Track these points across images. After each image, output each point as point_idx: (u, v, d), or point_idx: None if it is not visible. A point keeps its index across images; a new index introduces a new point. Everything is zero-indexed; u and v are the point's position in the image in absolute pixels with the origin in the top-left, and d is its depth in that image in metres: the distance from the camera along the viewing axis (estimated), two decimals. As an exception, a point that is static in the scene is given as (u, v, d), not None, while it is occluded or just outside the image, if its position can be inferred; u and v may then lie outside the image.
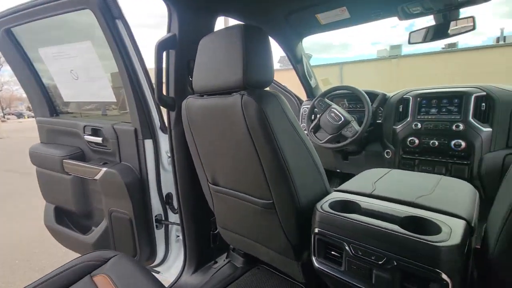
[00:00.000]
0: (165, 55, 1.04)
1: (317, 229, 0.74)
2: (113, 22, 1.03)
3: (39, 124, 1.59)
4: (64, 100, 1.50)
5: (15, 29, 1.35)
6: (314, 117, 1.73)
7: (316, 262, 0.76)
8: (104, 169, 1.27)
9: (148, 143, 1.24)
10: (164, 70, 1.05)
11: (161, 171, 1.30)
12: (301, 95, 2.05)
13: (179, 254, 1.42)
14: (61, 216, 1.60)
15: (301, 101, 2.03)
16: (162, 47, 1.00)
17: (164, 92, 1.07)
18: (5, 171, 5.45)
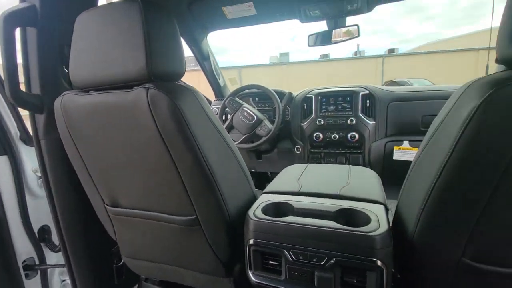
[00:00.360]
0: (20, 34, 0.74)
1: (252, 240, 0.66)
2: None
3: None
4: None
5: None
6: (225, 118, 1.66)
7: (253, 276, 0.69)
8: None
9: (1, 162, 0.87)
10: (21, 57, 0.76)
11: (28, 198, 0.95)
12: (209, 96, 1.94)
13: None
14: None
15: (209, 101, 1.92)
16: (11, 22, 0.70)
17: (23, 88, 0.76)
18: None
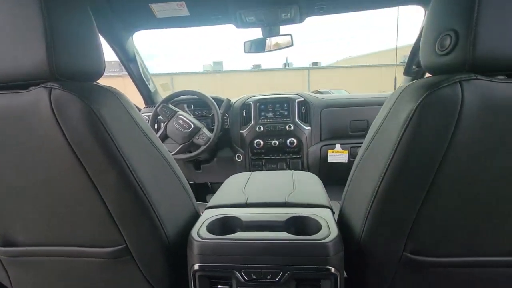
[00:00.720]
0: None
1: (197, 265, 0.57)
2: None
3: None
4: None
5: None
6: (158, 126, 1.51)
7: None
8: None
9: None
10: None
11: None
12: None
13: None
14: None
15: (138, 109, 1.72)
16: None
17: None
18: None
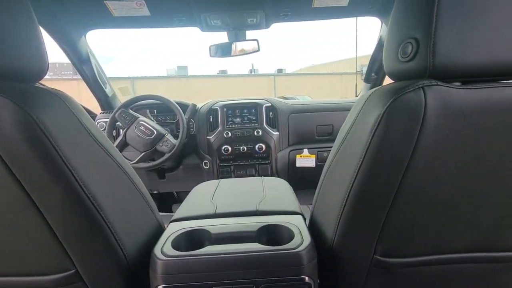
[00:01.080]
0: None
1: (161, 287, 0.52)
2: None
3: None
4: None
5: None
6: (116, 133, 1.40)
7: None
8: None
9: None
10: None
11: None
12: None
13: None
14: None
15: (94, 115, 1.58)
16: None
17: None
18: None
